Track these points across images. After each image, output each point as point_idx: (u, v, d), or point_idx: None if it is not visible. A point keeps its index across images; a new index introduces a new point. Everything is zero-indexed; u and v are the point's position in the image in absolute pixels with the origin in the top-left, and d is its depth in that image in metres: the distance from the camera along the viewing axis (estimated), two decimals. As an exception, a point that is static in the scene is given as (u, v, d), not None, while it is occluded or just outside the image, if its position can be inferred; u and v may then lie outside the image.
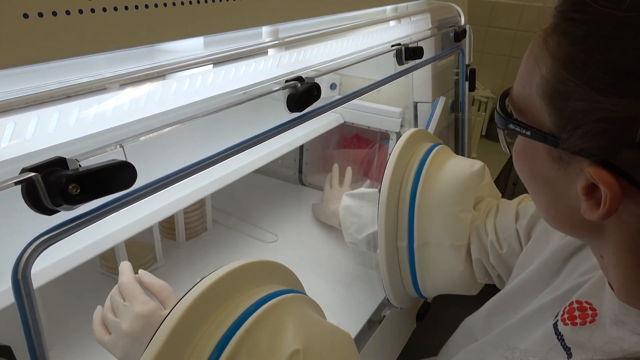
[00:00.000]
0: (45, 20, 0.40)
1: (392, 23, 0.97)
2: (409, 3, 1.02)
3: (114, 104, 0.51)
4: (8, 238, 0.67)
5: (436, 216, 0.80)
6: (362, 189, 1.01)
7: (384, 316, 0.96)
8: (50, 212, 0.36)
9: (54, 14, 0.41)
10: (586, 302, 0.48)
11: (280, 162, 1.42)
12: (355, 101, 1.08)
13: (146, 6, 0.48)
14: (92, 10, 0.44)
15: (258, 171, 1.02)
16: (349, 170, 1.22)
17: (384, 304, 0.98)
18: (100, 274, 1.02)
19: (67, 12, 0.42)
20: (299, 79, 0.61)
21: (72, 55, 0.43)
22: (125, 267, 0.64)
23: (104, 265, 1.01)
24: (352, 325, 0.92)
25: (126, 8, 0.47)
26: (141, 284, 0.61)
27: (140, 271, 0.63)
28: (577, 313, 0.48)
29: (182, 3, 0.52)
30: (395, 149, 0.84)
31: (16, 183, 0.34)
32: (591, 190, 0.37)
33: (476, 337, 0.68)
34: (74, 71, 0.48)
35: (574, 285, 0.55)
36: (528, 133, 0.40)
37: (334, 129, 1.25)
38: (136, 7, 0.47)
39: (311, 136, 1.15)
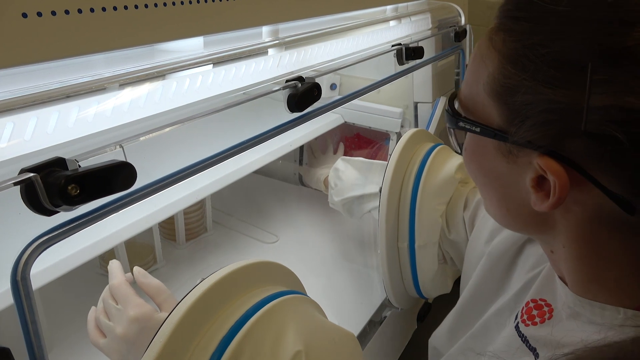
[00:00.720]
0: (45, 20, 0.40)
1: (392, 23, 0.97)
2: (409, 3, 1.02)
3: (114, 104, 0.50)
4: (6, 239, 0.66)
5: (437, 216, 0.80)
6: (359, 158, 1.03)
7: (385, 317, 0.96)
8: (49, 212, 0.36)
9: (53, 13, 0.40)
10: (541, 300, 0.49)
11: (281, 162, 1.42)
12: (356, 101, 1.08)
13: (146, 6, 0.48)
14: (92, 10, 0.43)
15: (258, 172, 1.02)
16: (341, 145, 1.29)
17: (385, 304, 0.97)
18: (100, 275, 1.01)
19: (66, 12, 0.41)
20: (300, 79, 0.61)
21: (71, 55, 0.43)
22: (114, 267, 0.63)
23: (104, 266, 1.01)
24: (352, 326, 0.91)
25: (125, 7, 0.46)
26: (136, 284, 0.61)
27: (136, 269, 0.62)
28: (534, 312, 0.48)
29: (182, 3, 0.52)
30: (396, 149, 0.84)
31: (15, 184, 0.34)
32: (540, 181, 0.38)
33: (442, 354, 0.68)
34: (73, 71, 0.48)
35: (524, 282, 0.55)
36: (477, 130, 0.40)
37: (334, 129, 1.25)
38: (136, 6, 0.47)
39: (311, 136, 1.15)
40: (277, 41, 0.69)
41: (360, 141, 1.42)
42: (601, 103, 0.32)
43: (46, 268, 0.66)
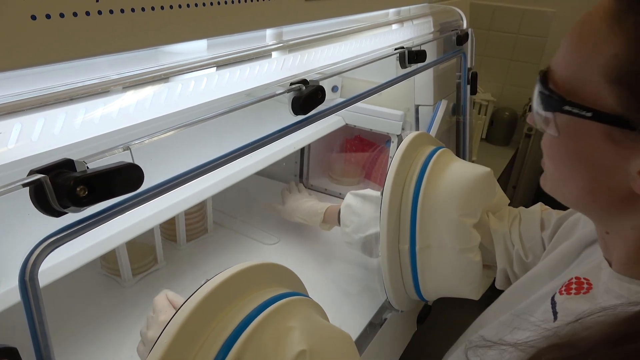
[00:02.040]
0: (53, 22, 0.40)
1: (394, 26, 0.97)
2: (412, 6, 1.02)
3: (120, 106, 0.51)
4: (7, 240, 0.67)
5: (439, 219, 0.80)
6: (368, 190, 1.01)
7: (385, 319, 0.96)
8: (58, 214, 0.36)
9: (62, 15, 0.41)
10: (584, 278, 0.50)
11: (284, 164, 1.42)
12: (357, 104, 1.09)
13: (152, 8, 0.48)
14: (99, 12, 0.44)
15: (259, 173, 1.02)
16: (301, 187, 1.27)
17: (385, 306, 0.97)
18: (101, 275, 1.02)
19: (75, 14, 0.42)
20: (304, 81, 0.61)
21: (78, 57, 0.43)
22: (163, 291, 0.67)
23: (105, 266, 1.01)
24: (353, 328, 0.92)
25: (132, 10, 0.47)
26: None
27: (168, 292, 0.65)
28: (573, 286, 0.50)
29: (188, 5, 0.52)
30: (397, 152, 0.84)
31: (24, 185, 0.34)
32: None
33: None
34: (78, 73, 0.48)
35: (582, 272, 0.56)
36: (589, 114, 0.39)
37: (335, 131, 1.25)
38: (142, 9, 0.47)
39: (313, 138, 1.15)
40: (281, 44, 0.69)
41: (360, 143, 1.43)
42: None
43: (48, 269, 0.67)
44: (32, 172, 0.35)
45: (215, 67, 0.59)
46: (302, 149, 1.40)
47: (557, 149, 0.45)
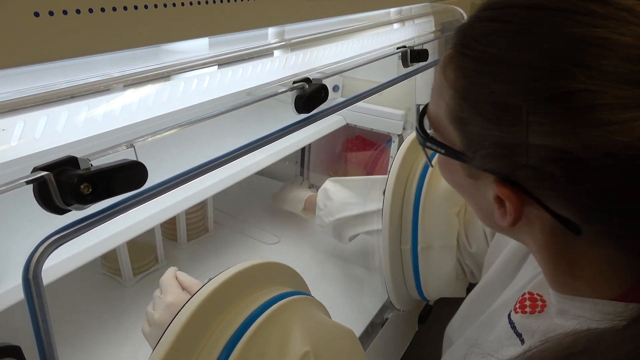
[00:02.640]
0: (56, 19, 0.40)
1: (396, 25, 0.97)
2: (413, 6, 1.02)
3: (122, 104, 0.50)
4: (8, 238, 0.66)
5: (440, 219, 0.80)
6: (350, 177, 1.03)
7: (387, 319, 0.96)
8: (61, 211, 0.35)
9: (65, 12, 0.40)
10: (537, 294, 0.51)
11: (287, 163, 1.42)
12: (358, 103, 1.08)
13: (155, 6, 0.48)
14: (102, 10, 0.43)
15: (260, 173, 1.02)
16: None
17: (386, 306, 0.97)
18: (102, 275, 1.01)
19: (77, 11, 0.42)
20: (307, 80, 0.61)
21: (81, 55, 0.43)
22: (169, 269, 0.65)
23: (106, 265, 1.01)
24: (354, 328, 0.90)
25: (135, 8, 0.46)
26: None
27: (178, 272, 0.64)
28: (527, 302, 0.50)
29: (191, 3, 0.52)
30: (399, 151, 0.84)
31: (28, 182, 0.34)
32: (500, 200, 0.40)
33: (453, 343, 0.69)
34: (80, 71, 0.48)
35: (531, 277, 0.57)
36: (443, 151, 0.43)
37: (336, 131, 1.25)
38: (145, 7, 0.47)
39: (314, 138, 1.15)
40: (283, 42, 0.69)
41: (361, 143, 1.43)
42: (537, 142, 0.33)
43: (48, 268, 0.66)
44: (35, 170, 0.35)
45: (217, 66, 0.59)
46: (303, 149, 1.40)
47: (445, 178, 0.48)
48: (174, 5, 0.50)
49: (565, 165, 0.33)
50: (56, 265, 0.67)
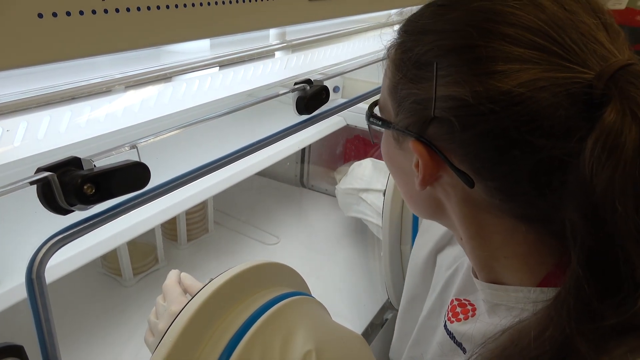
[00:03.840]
0: (59, 20, 0.40)
1: (396, 27, 0.97)
2: (413, 7, 1.02)
3: (124, 105, 0.51)
4: (9, 238, 0.67)
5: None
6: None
7: (386, 319, 0.97)
8: (64, 211, 0.36)
9: (68, 14, 0.41)
10: (465, 299, 0.53)
11: (288, 164, 1.42)
12: (359, 104, 1.09)
13: (158, 7, 0.48)
14: (105, 11, 0.44)
15: (260, 173, 1.02)
16: None
17: (386, 307, 0.98)
18: (102, 275, 1.01)
19: (81, 13, 0.42)
20: (308, 81, 0.61)
21: (84, 56, 0.43)
22: (172, 272, 0.65)
23: (106, 266, 1.01)
24: (354, 328, 0.91)
25: (138, 9, 0.47)
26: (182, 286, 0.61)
27: (182, 274, 0.63)
28: (459, 309, 0.52)
29: (193, 5, 0.52)
30: (399, 152, 0.84)
31: (32, 183, 0.34)
32: (418, 164, 0.44)
33: None
34: (82, 72, 0.48)
35: (445, 281, 0.59)
36: (379, 123, 0.48)
37: (335, 131, 1.25)
38: (148, 8, 0.47)
39: (314, 139, 1.15)
40: (284, 44, 0.69)
41: (360, 143, 1.43)
42: (442, 93, 0.39)
43: (48, 268, 0.66)
44: (39, 170, 0.35)
45: (218, 67, 0.59)
46: (303, 150, 1.40)
47: (384, 158, 0.51)
48: (176, 6, 0.50)
49: (459, 111, 0.38)
50: (57, 265, 0.67)
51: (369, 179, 1.07)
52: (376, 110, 0.50)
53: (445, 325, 0.53)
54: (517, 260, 0.43)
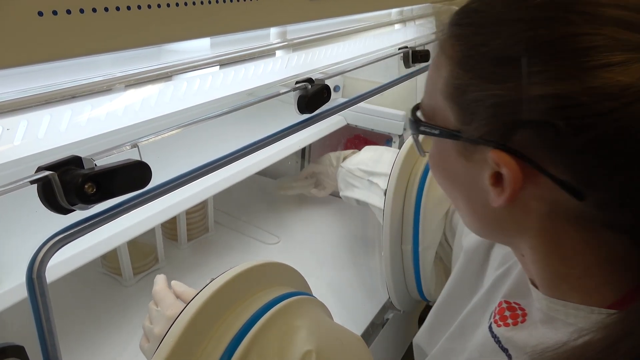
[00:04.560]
0: (59, 19, 0.40)
1: (397, 26, 0.97)
2: (414, 7, 1.02)
3: (125, 104, 0.50)
4: (7, 238, 0.66)
5: (441, 219, 0.80)
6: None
7: (387, 319, 0.96)
8: (65, 211, 0.35)
9: (68, 12, 0.40)
10: (514, 303, 0.50)
11: (289, 163, 1.42)
12: (359, 103, 1.09)
13: (159, 6, 0.48)
14: (106, 9, 0.43)
15: (260, 173, 1.02)
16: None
17: (387, 306, 0.97)
18: (102, 275, 1.01)
19: (81, 11, 0.41)
20: (309, 80, 0.61)
21: (84, 54, 0.43)
22: (158, 277, 0.65)
23: (106, 265, 1.01)
24: (354, 329, 0.91)
25: (139, 7, 0.46)
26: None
27: (173, 282, 0.63)
28: (507, 313, 0.49)
29: (194, 3, 0.52)
30: (401, 152, 0.84)
31: (32, 182, 0.34)
32: (497, 177, 0.39)
33: (426, 354, 0.69)
34: (82, 70, 0.48)
35: (494, 280, 0.57)
36: (436, 132, 0.42)
37: (335, 131, 1.25)
38: (149, 6, 0.47)
39: (314, 138, 1.15)
40: (285, 43, 0.69)
41: (360, 142, 1.43)
42: (538, 92, 0.33)
43: (49, 267, 0.66)
44: (40, 169, 0.35)
45: (219, 66, 0.59)
46: (304, 149, 1.40)
47: (434, 171, 0.47)
48: (177, 5, 0.50)
49: (567, 112, 0.32)
50: (57, 265, 0.67)
51: (384, 165, 1.00)
52: (419, 115, 0.45)
53: (490, 327, 0.50)
54: (587, 280, 0.40)
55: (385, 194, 0.83)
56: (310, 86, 0.60)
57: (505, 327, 0.48)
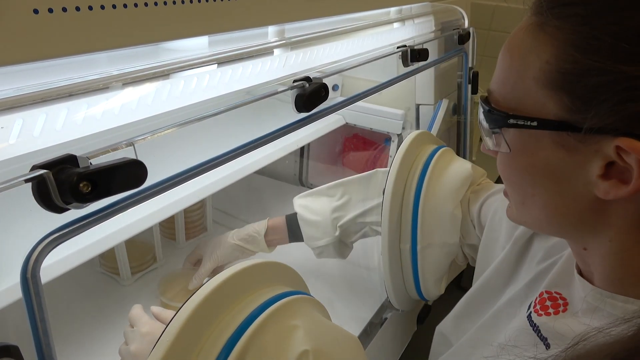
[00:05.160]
0: (55, 16, 0.40)
1: (396, 25, 0.97)
2: (413, 5, 1.02)
3: (122, 102, 0.50)
4: (5, 237, 0.66)
5: (440, 218, 0.80)
6: (317, 188, 0.95)
7: (385, 319, 0.96)
8: (60, 210, 0.35)
9: (64, 9, 0.40)
10: (556, 292, 0.49)
11: (286, 162, 1.42)
12: (358, 102, 1.09)
13: (155, 4, 0.48)
14: (102, 7, 0.43)
15: (259, 172, 1.01)
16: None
17: (385, 306, 0.97)
18: (100, 274, 1.01)
19: (77, 9, 0.41)
20: (307, 79, 0.60)
21: (80, 52, 0.43)
22: (135, 305, 0.65)
23: (104, 264, 1.00)
24: (353, 328, 0.91)
25: (135, 5, 0.46)
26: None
27: (152, 307, 0.64)
28: (548, 303, 0.49)
29: (191, 1, 0.52)
30: (399, 150, 0.84)
31: (27, 180, 0.33)
32: (608, 169, 0.37)
33: (451, 343, 0.69)
34: (77, 69, 0.48)
35: (535, 274, 0.56)
36: (534, 124, 0.39)
37: (334, 130, 1.25)
38: (145, 4, 0.47)
39: (313, 137, 1.14)
40: (283, 41, 0.69)
41: (359, 142, 1.43)
42: None
43: (46, 267, 0.65)
44: (34, 168, 0.34)
45: (216, 64, 0.59)
46: (302, 148, 1.39)
47: (514, 168, 0.45)
48: (174, 3, 0.49)
49: None
50: (54, 264, 0.66)
51: (344, 203, 0.92)
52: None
53: (529, 316, 0.50)
54: None
55: (383, 192, 0.83)
56: (307, 85, 0.59)
57: (546, 317, 0.48)
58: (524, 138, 0.42)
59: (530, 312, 0.50)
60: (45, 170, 0.34)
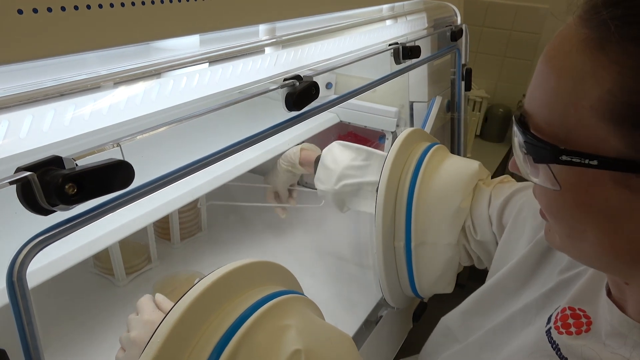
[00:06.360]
0: (40, 17, 0.39)
1: (388, 22, 0.96)
2: (405, 2, 1.02)
3: (110, 102, 0.50)
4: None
5: (434, 215, 0.80)
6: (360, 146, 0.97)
7: (381, 316, 0.96)
8: (46, 212, 0.35)
9: (49, 9, 0.40)
10: (579, 310, 0.47)
11: (276, 161, 1.41)
12: (351, 100, 1.08)
13: (143, 3, 0.48)
14: (88, 7, 0.43)
15: (253, 171, 1.01)
16: None
17: (381, 304, 0.97)
18: (94, 275, 1.01)
19: (62, 9, 0.41)
20: (298, 77, 0.60)
21: (67, 53, 0.42)
22: (146, 295, 0.64)
23: (98, 265, 1.00)
24: (348, 326, 0.91)
25: (122, 5, 0.46)
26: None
27: (157, 296, 0.63)
28: (570, 321, 0.46)
29: (179, 0, 0.51)
30: (392, 148, 0.84)
31: (11, 182, 0.33)
32: None
33: (455, 336, 0.68)
34: (67, 69, 0.47)
35: (556, 283, 0.54)
36: (594, 163, 0.34)
37: (329, 128, 1.25)
38: (132, 3, 0.47)
39: (306, 136, 1.14)
40: (274, 40, 0.68)
41: (353, 139, 1.42)
42: None
43: (40, 268, 0.66)
44: (19, 170, 0.34)
45: (207, 63, 0.59)
46: (296, 146, 1.39)
47: (562, 204, 0.40)
48: (161, 2, 0.49)
49: None
50: (48, 265, 0.66)
51: (361, 165, 0.94)
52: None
53: (548, 332, 0.48)
54: None
55: (377, 190, 0.82)
56: (298, 83, 0.59)
57: (567, 336, 0.46)
58: (578, 175, 0.37)
59: (550, 327, 0.48)
60: (29, 172, 0.34)
